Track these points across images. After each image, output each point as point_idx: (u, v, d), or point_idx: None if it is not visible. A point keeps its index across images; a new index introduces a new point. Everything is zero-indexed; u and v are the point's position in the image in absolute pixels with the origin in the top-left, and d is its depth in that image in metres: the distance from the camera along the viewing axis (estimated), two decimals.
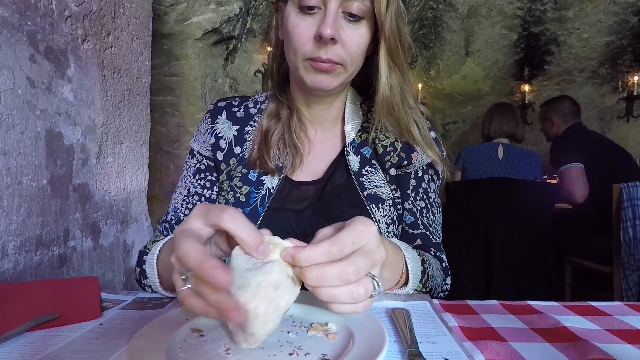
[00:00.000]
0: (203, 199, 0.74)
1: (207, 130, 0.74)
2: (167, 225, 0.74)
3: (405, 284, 0.58)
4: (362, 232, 0.38)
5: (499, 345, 0.41)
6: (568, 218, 2.14)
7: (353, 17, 0.60)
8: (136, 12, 1.41)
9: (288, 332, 0.42)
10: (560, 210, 2.12)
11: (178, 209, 0.75)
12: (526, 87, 3.63)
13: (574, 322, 0.48)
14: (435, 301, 0.56)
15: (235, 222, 0.36)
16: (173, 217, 0.75)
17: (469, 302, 0.56)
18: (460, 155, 2.22)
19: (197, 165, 0.76)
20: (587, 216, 2.03)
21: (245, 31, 2.89)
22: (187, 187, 0.75)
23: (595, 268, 1.99)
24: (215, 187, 0.75)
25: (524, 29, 3.41)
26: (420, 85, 3.60)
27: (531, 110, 3.62)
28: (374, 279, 0.39)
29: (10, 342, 0.41)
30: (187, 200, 0.74)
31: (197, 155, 0.76)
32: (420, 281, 0.60)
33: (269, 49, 2.89)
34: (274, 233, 0.68)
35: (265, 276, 0.35)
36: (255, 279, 0.35)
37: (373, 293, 0.38)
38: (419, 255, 0.62)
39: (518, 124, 2.22)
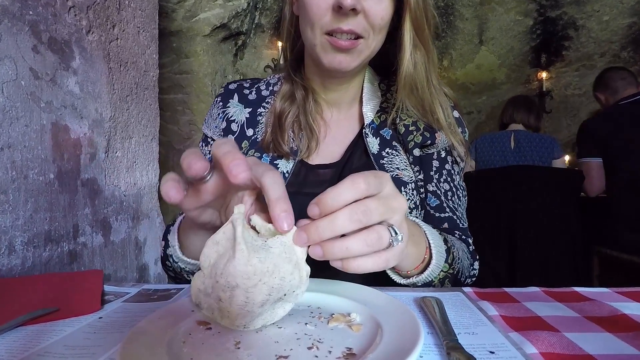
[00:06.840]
0: None
1: (218, 114, 0.72)
2: None
3: (429, 262, 0.52)
4: (374, 174, 0.36)
5: (551, 336, 0.35)
6: (598, 206, 2.01)
7: None
8: (142, 5, 1.38)
9: (306, 323, 0.37)
10: (589, 198, 2.01)
11: None
12: (543, 75, 3.49)
13: (634, 309, 0.42)
14: (469, 289, 0.50)
15: (273, 184, 0.35)
16: None
17: (507, 289, 0.50)
18: (473, 146, 2.14)
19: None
20: (620, 204, 1.90)
21: (253, 26, 2.85)
22: None
23: (627, 259, 1.88)
24: None
25: (540, 13, 3.28)
26: None
27: (549, 98, 3.49)
28: (391, 227, 0.36)
29: None
30: None
31: (210, 141, 0.75)
32: (446, 261, 0.54)
33: (279, 43, 2.86)
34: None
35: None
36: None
37: (391, 240, 0.35)
38: (440, 234, 0.57)
39: (540, 117, 2.14)
